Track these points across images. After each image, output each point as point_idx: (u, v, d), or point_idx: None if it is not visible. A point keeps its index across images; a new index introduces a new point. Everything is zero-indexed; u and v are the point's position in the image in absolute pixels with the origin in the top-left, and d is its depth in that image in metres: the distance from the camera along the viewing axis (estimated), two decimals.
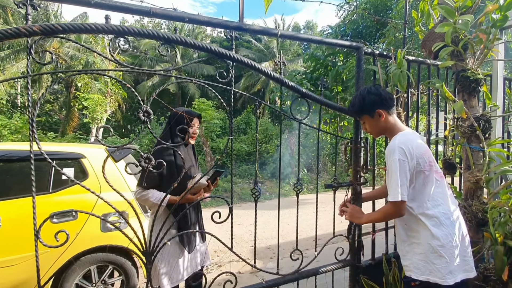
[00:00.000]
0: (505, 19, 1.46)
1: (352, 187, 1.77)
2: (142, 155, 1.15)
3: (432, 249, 1.26)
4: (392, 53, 1.84)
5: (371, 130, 1.47)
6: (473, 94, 1.65)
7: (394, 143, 1.31)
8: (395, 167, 1.27)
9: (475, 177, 1.59)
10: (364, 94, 1.42)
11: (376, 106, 1.39)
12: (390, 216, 1.35)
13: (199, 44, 1.19)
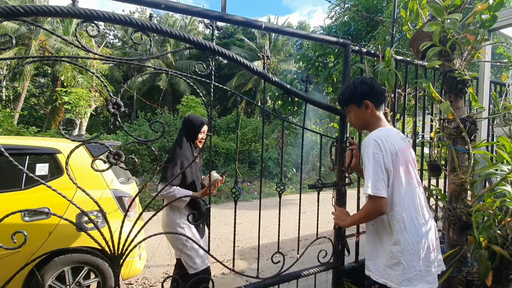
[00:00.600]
0: (494, 19, 1.44)
1: (337, 188, 1.72)
2: (112, 151, 1.06)
3: (391, 254, 1.22)
4: (379, 52, 1.80)
5: (355, 121, 1.42)
6: (460, 95, 1.62)
7: (369, 136, 1.28)
8: (368, 160, 1.23)
9: (460, 179, 1.56)
10: (357, 83, 1.38)
11: (366, 97, 1.35)
12: (371, 214, 1.25)
13: (176, 33, 1.11)
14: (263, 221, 5.18)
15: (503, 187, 1.38)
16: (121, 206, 2.49)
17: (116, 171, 2.75)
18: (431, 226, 1.28)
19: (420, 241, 1.21)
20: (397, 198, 1.23)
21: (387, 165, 1.22)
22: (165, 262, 3.74)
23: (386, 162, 1.22)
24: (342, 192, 1.71)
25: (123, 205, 2.49)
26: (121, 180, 2.66)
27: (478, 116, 1.71)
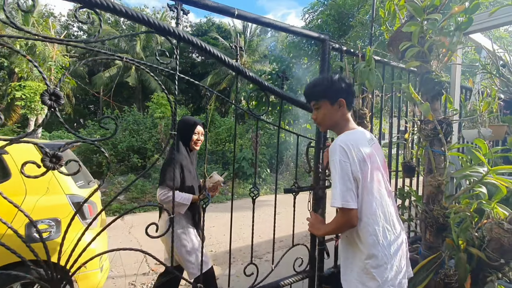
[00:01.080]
0: (470, 22, 1.45)
1: (313, 192, 1.64)
2: (48, 152, 0.87)
3: (365, 269, 1.14)
4: (359, 51, 1.76)
5: (323, 119, 1.29)
6: (436, 97, 1.63)
7: (335, 142, 1.19)
8: (334, 169, 1.14)
9: (437, 181, 1.56)
10: (335, 79, 1.27)
11: (341, 95, 1.25)
12: (341, 226, 1.17)
13: (132, 13, 0.95)
14: (237, 224, 5.05)
15: (479, 189, 1.39)
16: (79, 213, 2.23)
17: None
18: (402, 237, 1.23)
19: (393, 254, 1.16)
20: (367, 209, 1.15)
21: (355, 173, 1.13)
22: (131, 271, 3.47)
23: (353, 170, 1.13)
24: (319, 196, 1.63)
25: (82, 212, 2.23)
26: (80, 184, 2.38)
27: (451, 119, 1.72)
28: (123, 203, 5.97)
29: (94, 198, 2.41)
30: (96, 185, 2.80)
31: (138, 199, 6.28)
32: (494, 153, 1.36)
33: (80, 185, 2.36)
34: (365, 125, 1.77)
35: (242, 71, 1.22)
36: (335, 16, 10.09)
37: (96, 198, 2.51)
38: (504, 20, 1.76)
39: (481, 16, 1.82)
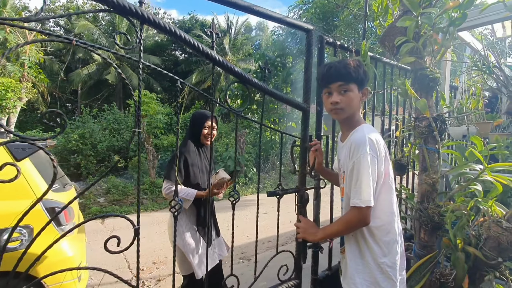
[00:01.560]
0: (464, 17, 1.42)
1: (299, 194, 1.49)
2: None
3: (380, 269, 1.09)
4: (353, 47, 1.71)
5: (349, 104, 1.15)
6: (430, 93, 1.60)
7: (363, 134, 1.10)
8: (365, 163, 1.05)
9: (432, 179, 1.54)
10: (364, 67, 1.20)
11: (366, 83, 1.19)
12: (354, 226, 1.11)
13: None
14: (224, 224, 4.94)
15: (475, 186, 1.37)
16: (55, 219, 2.05)
17: (49, 174, 2.28)
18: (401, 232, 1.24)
19: (401, 253, 1.17)
20: (387, 207, 1.13)
21: (380, 170, 1.09)
22: (113, 278, 3.29)
23: (379, 166, 1.08)
24: (305, 198, 1.49)
25: (57, 218, 2.05)
26: (54, 187, 2.20)
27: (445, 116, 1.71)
28: (104, 205, 5.70)
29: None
30: (73, 188, 2.60)
31: (119, 201, 6.02)
32: (490, 150, 1.35)
33: (54, 189, 2.18)
34: None
35: (217, 60, 1.07)
36: (320, 15, 10.15)
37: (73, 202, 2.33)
38: (494, 18, 1.76)
39: (471, 13, 1.82)
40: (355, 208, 1.07)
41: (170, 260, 3.62)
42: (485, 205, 1.27)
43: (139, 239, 0.90)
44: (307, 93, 1.39)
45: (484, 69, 1.69)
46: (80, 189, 6.78)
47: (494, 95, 3.16)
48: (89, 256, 3.64)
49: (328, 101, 1.18)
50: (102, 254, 3.78)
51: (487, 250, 1.29)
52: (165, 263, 3.52)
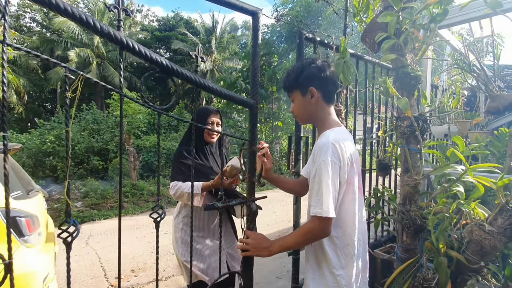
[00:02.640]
0: (445, 13, 1.38)
1: (247, 205, 1.22)
2: None
3: (336, 282, 1.05)
4: (333, 43, 1.64)
5: (298, 112, 1.17)
6: (412, 92, 1.55)
7: (327, 139, 1.04)
8: (325, 171, 0.99)
9: (414, 180, 1.49)
10: (306, 64, 1.13)
11: (312, 83, 1.11)
12: (314, 237, 1.03)
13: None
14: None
15: (456, 188, 1.33)
16: (15, 229, 1.87)
17: (12, 181, 2.09)
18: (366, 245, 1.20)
19: (362, 267, 1.13)
20: (348, 218, 1.07)
21: (342, 178, 1.03)
22: None
23: (341, 174, 1.02)
24: (253, 211, 1.22)
25: (18, 228, 1.88)
26: (16, 195, 2.02)
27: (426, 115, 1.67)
28: (81, 210, 5.44)
29: (34, 210, 2.06)
30: (39, 194, 2.42)
31: (98, 205, 5.77)
32: (472, 150, 1.31)
33: (16, 196, 2.00)
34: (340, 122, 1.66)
35: (125, 43, 0.81)
36: (304, 14, 10.16)
37: (38, 209, 2.15)
38: (474, 15, 1.74)
39: (452, 10, 1.80)
40: (316, 218, 0.99)
41: (150, 267, 3.47)
42: (467, 208, 1.23)
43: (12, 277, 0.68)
44: (255, 86, 1.17)
45: (464, 67, 1.67)
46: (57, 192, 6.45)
47: (473, 94, 3.20)
48: (63, 265, 3.44)
49: None
50: (77, 262, 3.58)
51: (469, 254, 1.25)
52: (144, 270, 3.37)
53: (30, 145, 7.10)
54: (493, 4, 1.30)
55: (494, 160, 2.06)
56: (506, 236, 1.16)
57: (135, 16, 22.69)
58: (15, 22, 19.16)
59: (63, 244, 0.76)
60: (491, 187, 1.17)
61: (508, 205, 1.17)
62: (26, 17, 20.05)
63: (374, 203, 1.95)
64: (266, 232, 4.60)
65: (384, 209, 2.08)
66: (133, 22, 21.31)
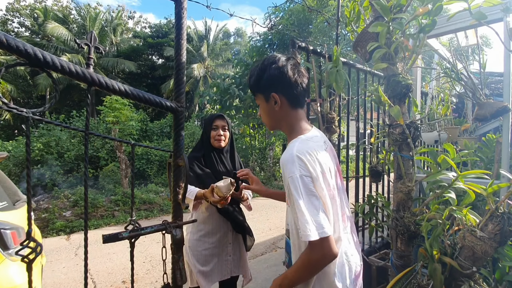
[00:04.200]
0: (434, 24, 1.42)
1: (169, 233, 0.93)
2: None
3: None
4: (325, 52, 1.66)
5: (263, 118, 1.07)
6: (403, 100, 1.58)
7: (291, 152, 0.91)
8: (295, 189, 0.87)
9: (407, 187, 1.51)
10: (267, 65, 0.99)
11: (274, 87, 0.98)
12: (319, 265, 0.88)
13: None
14: None
15: (448, 194, 1.35)
16: (0, 242, 1.80)
17: None
18: (360, 263, 1.06)
19: (354, 274, 1.00)
20: (335, 226, 0.95)
21: (319, 191, 0.89)
22: None
23: (317, 187, 0.89)
24: (177, 238, 0.94)
25: (3, 241, 1.81)
26: (1, 206, 1.95)
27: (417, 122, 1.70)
28: (70, 220, 5.29)
29: (21, 222, 1.99)
30: (26, 205, 2.34)
31: (88, 214, 5.63)
32: (462, 157, 1.33)
33: (1, 207, 1.94)
34: (334, 130, 1.68)
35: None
36: (295, 22, 10.31)
37: (25, 221, 2.08)
38: (461, 25, 1.80)
39: (439, 21, 1.85)
40: (312, 244, 0.84)
41: (142, 278, 3.39)
42: (459, 214, 1.24)
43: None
44: (179, 87, 0.97)
45: (452, 75, 1.71)
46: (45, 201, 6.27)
47: (461, 100, 3.28)
48: (50, 278, 3.33)
49: None
50: (65, 274, 3.47)
51: (462, 259, 1.26)
52: (135, 281, 3.28)
53: (17, 153, 6.91)
54: (478, 15, 1.34)
55: (482, 166, 2.11)
56: (496, 241, 1.18)
57: (127, 23, 22.63)
58: (2, 27, 18.87)
59: (50, 255, 0.73)
60: (482, 193, 1.20)
61: (498, 211, 1.19)
62: (14, 21, 19.77)
63: (368, 209, 1.96)
64: (260, 239, 4.57)
65: (378, 215, 2.09)
66: (125, 28, 21.24)
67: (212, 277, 1.71)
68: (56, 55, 6.70)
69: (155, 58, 22.22)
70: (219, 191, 1.45)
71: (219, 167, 1.76)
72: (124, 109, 6.38)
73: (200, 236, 1.73)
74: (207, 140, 1.78)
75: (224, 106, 10.16)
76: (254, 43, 12.07)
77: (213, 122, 1.76)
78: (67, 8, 20.18)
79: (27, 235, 0.75)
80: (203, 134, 1.83)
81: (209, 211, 1.73)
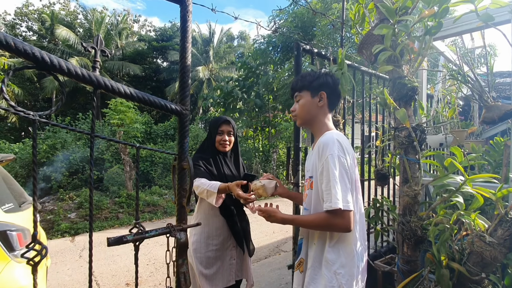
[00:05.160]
0: (440, 26, 1.40)
1: (173, 236, 0.93)
2: None
3: (336, 279, 1.04)
4: (330, 54, 1.66)
5: (301, 110, 1.23)
6: (409, 103, 1.57)
7: (331, 135, 1.10)
8: (333, 165, 1.02)
9: (413, 191, 1.49)
10: (323, 73, 1.24)
11: (325, 89, 1.20)
12: (331, 227, 1.05)
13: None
14: None
15: (456, 198, 1.32)
16: (5, 243, 1.82)
17: (2, 192, 2.04)
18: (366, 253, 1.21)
19: (362, 269, 1.14)
20: (357, 212, 1.11)
21: (351, 174, 1.07)
22: None
23: (349, 169, 1.06)
24: (181, 242, 0.93)
25: (8, 242, 1.82)
26: (7, 207, 1.97)
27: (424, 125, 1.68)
28: (75, 221, 5.32)
29: (26, 224, 2.01)
30: (31, 207, 2.36)
31: (92, 216, 5.66)
32: (470, 160, 1.31)
33: (7, 209, 1.95)
34: None
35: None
36: (298, 25, 10.32)
37: (29, 222, 2.10)
38: (467, 27, 1.78)
39: (446, 23, 1.84)
40: (328, 213, 1.01)
41: (145, 280, 3.39)
42: (467, 219, 1.22)
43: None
44: (184, 90, 0.97)
45: (459, 78, 1.69)
46: (50, 203, 6.32)
47: (467, 103, 3.24)
48: (55, 279, 3.34)
49: None
50: (70, 276, 3.48)
51: (470, 265, 1.24)
52: (139, 284, 3.28)
53: (24, 155, 6.99)
54: (485, 17, 1.33)
55: (490, 169, 2.07)
56: (506, 247, 1.16)
57: (132, 27, 22.88)
58: (11, 31, 19.19)
59: (55, 257, 0.73)
60: (491, 197, 1.17)
61: (508, 216, 1.17)
62: (22, 25, 20.11)
63: (374, 213, 1.94)
64: (264, 242, 4.54)
65: (384, 219, 2.07)
66: (130, 32, 21.47)
67: (216, 281, 1.68)
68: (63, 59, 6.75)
69: (160, 61, 22.40)
70: (264, 191, 1.40)
71: (223, 170, 1.76)
72: (128, 112, 6.42)
73: (203, 238, 1.71)
74: (212, 143, 1.78)
75: (227, 108, 10.18)
76: (258, 45, 12.09)
77: (219, 127, 1.76)
78: (74, 13, 20.47)
79: (32, 238, 0.75)
80: (208, 136, 1.83)
81: (213, 211, 1.71)
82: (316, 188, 1.11)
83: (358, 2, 1.78)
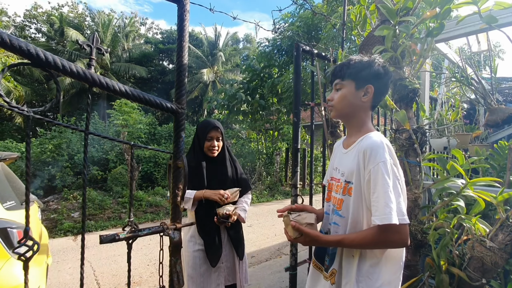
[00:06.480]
0: (442, 27, 1.39)
1: (167, 235, 0.93)
2: None
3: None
4: (330, 55, 1.65)
5: (339, 102, 1.05)
6: (410, 105, 1.55)
7: (379, 139, 0.96)
8: (386, 173, 0.89)
9: (413, 194, 1.46)
10: (375, 62, 1.03)
11: (374, 82, 1.02)
12: (389, 245, 0.92)
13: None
14: None
15: (457, 202, 1.30)
16: (6, 241, 1.83)
17: (4, 190, 2.07)
18: None
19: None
20: None
21: (402, 183, 0.95)
22: None
23: (402, 179, 0.95)
24: (175, 241, 0.94)
25: (9, 239, 1.84)
26: (9, 205, 1.99)
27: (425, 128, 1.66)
28: (77, 221, 5.36)
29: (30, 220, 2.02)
30: (34, 204, 2.38)
31: (95, 216, 5.70)
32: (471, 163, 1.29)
33: (8, 206, 1.97)
34: (338, 134, 1.65)
35: None
36: (304, 28, 10.33)
37: (31, 220, 2.11)
38: (470, 29, 1.76)
39: (448, 25, 1.82)
40: (389, 226, 0.86)
41: (145, 280, 3.39)
42: (468, 223, 1.20)
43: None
44: (180, 89, 0.97)
45: (463, 81, 1.67)
46: (54, 202, 6.39)
47: (472, 107, 3.20)
48: (56, 278, 3.36)
49: None
50: (71, 275, 3.50)
51: (471, 270, 1.21)
52: (139, 284, 3.28)
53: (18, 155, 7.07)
54: (489, 19, 1.31)
55: (494, 174, 2.03)
56: (507, 252, 1.13)
57: (139, 29, 23.13)
58: (20, 32, 19.57)
59: (57, 256, 0.74)
60: (492, 201, 1.15)
61: (509, 221, 1.14)
62: (31, 27, 20.48)
63: None
64: (265, 245, 4.52)
65: None
66: (137, 34, 21.72)
67: (203, 284, 1.65)
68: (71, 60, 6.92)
69: (166, 64, 22.60)
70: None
71: (211, 176, 1.76)
72: (133, 113, 6.48)
73: (190, 237, 1.71)
74: (201, 148, 1.78)
75: (231, 111, 10.20)
76: (263, 48, 12.13)
77: (208, 133, 1.75)
78: (83, 15, 20.80)
79: (24, 233, 0.76)
80: (195, 141, 1.82)
81: (188, 203, 1.70)
82: (358, 196, 0.98)
83: (359, 4, 1.78)
